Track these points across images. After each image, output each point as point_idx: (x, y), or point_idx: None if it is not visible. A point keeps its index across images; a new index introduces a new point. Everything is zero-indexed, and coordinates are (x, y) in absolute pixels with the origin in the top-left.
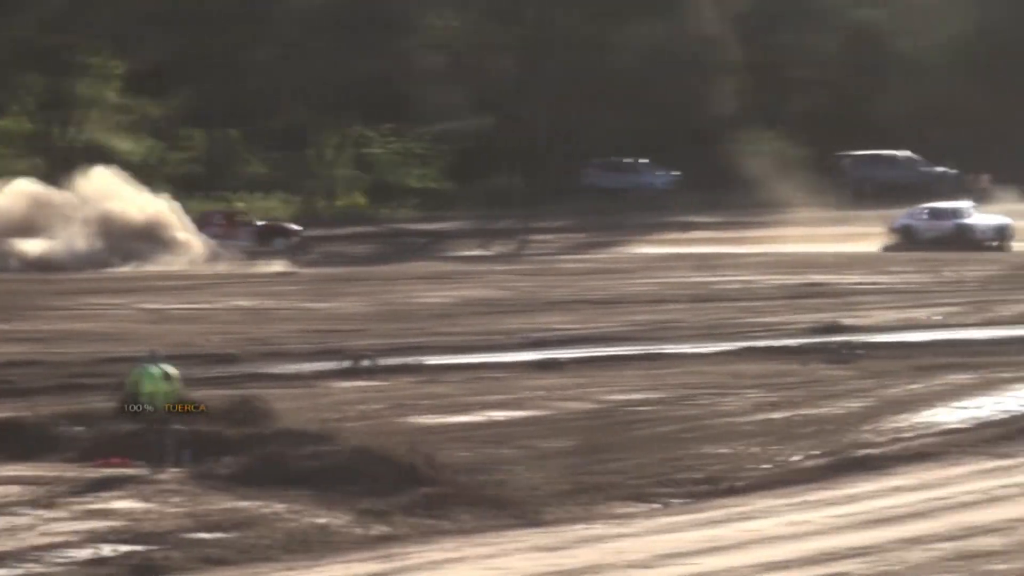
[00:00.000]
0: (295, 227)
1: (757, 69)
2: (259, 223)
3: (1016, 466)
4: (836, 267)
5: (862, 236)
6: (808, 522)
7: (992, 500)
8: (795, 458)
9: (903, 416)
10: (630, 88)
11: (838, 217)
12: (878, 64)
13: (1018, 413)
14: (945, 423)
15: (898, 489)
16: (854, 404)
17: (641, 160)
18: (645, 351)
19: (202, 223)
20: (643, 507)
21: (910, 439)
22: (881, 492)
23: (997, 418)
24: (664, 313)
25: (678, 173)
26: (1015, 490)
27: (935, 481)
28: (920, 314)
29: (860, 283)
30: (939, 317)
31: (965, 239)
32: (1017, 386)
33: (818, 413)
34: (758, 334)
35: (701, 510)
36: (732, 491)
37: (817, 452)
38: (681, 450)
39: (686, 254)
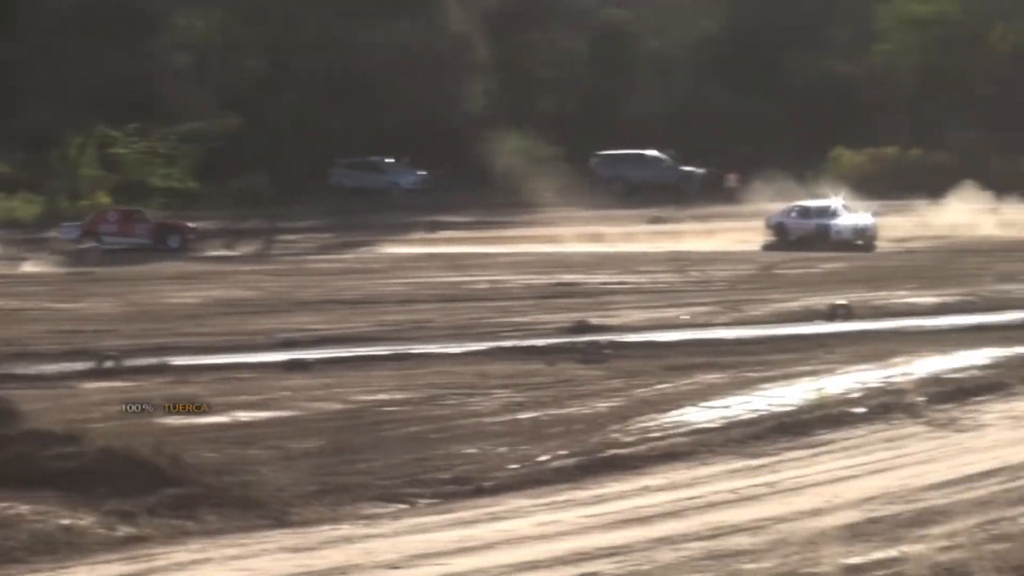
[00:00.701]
0: (191, 225)
1: (506, 68)
2: (155, 221)
3: (765, 466)
4: (585, 267)
5: (612, 236)
6: (558, 522)
7: (741, 500)
8: (544, 458)
9: (652, 416)
10: (379, 87)
11: (589, 217)
12: (627, 64)
13: (767, 413)
14: (695, 423)
15: (647, 489)
16: (603, 404)
17: (388, 160)
18: (394, 351)
19: (97, 220)
20: (392, 507)
21: (659, 439)
22: (630, 492)
23: (746, 417)
24: (413, 313)
25: (426, 173)
26: (764, 489)
27: (684, 481)
28: (670, 314)
29: (609, 283)
30: (688, 317)
31: (825, 238)
32: (766, 385)
33: (567, 413)
34: (507, 334)
35: (450, 510)
36: (481, 491)
37: (566, 452)
38: (430, 450)
39: (436, 254)
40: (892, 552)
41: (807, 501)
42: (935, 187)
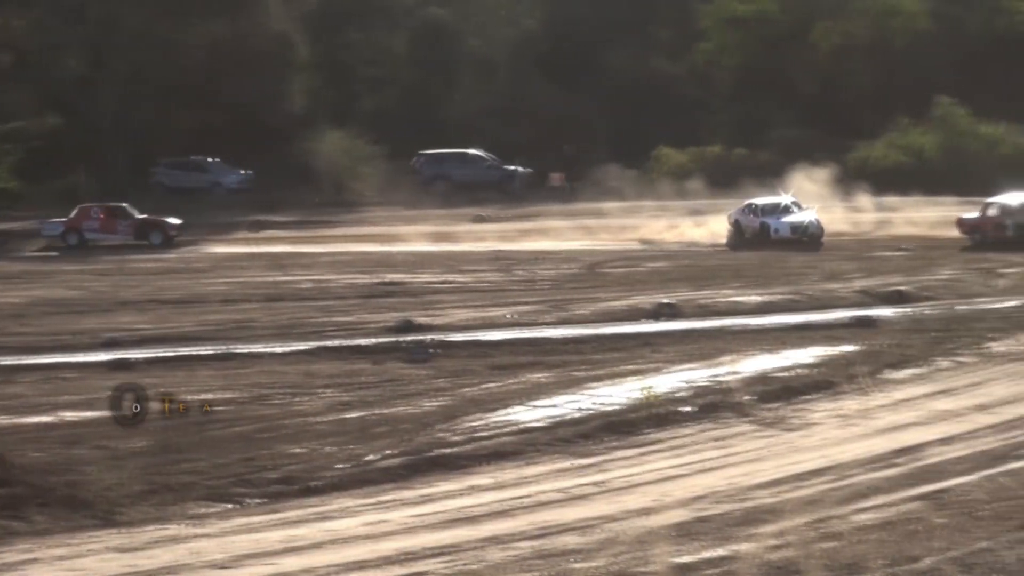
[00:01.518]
0: (174, 221)
1: (328, 67)
2: (138, 217)
3: (593, 465)
4: (409, 266)
5: (436, 235)
6: (386, 522)
7: (570, 499)
8: (371, 458)
9: (479, 415)
10: (200, 86)
11: (412, 216)
12: (448, 62)
13: (594, 412)
14: (522, 422)
15: (475, 488)
16: (430, 403)
17: (212, 159)
18: (219, 351)
19: (81, 217)
20: (220, 507)
21: (487, 438)
22: (458, 492)
23: (574, 417)
24: (238, 313)
25: (250, 172)
26: (593, 489)
27: (512, 480)
28: (495, 313)
29: (433, 282)
30: (514, 316)
31: (767, 236)
32: (593, 384)
33: (394, 412)
34: (332, 334)
35: (278, 510)
36: (309, 491)
37: (393, 452)
38: (257, 450)
39: (259, 253)
40: (722, 551)
41: (636, 500)
42: (759, 186)
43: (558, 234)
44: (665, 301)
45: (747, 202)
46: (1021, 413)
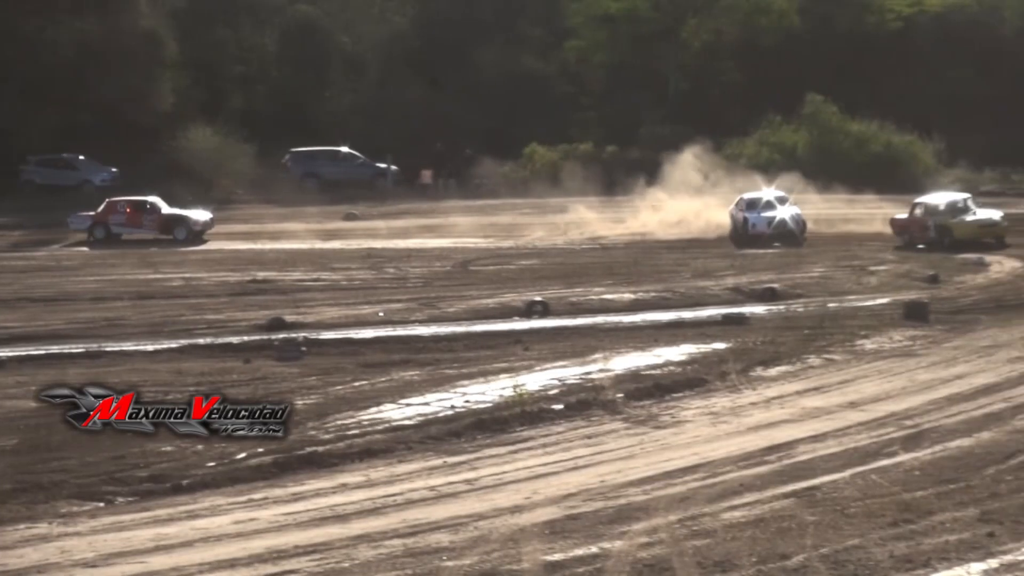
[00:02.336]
0: (200, 218)
1: (197, 65)
2: (165, 212)
3: (464, 463)
4: (280, 264)
5: (308, 232)
6: (255, 520)
7: (441, 497)
8: (241, 456)
9: (350, 413)
10: (68, 84)
11: (283, 214)
12: (318, 60)
13: (465, 410)
14: (393, 420)
15: (345, 486)
16: (300, 401)
17: (80, 157)
18: (89, 349)
19: (108, 211)
20: (89, 506)
21: (357, 436)
22: (329, 490)
23: (445, 415)
24: (108, 311)
25: (116, 170)
26: (463, 487)
27: (383, 478)
28: (366, 311)
29: (304, 280)
30: (385, 314)
31: (745, 232)
32: (464, 382)
33: None
34: (202, 332)
35: (148, 508)
36: (179, 489)
37: (263, 450)
38: (126, 448)
39: (129, 251)
40: (593, 549)
41: (507, 498)
42: (630, 183)
43: (435, 231)
44: (536, 299)
45: (740, 196)
46: (891, 410)
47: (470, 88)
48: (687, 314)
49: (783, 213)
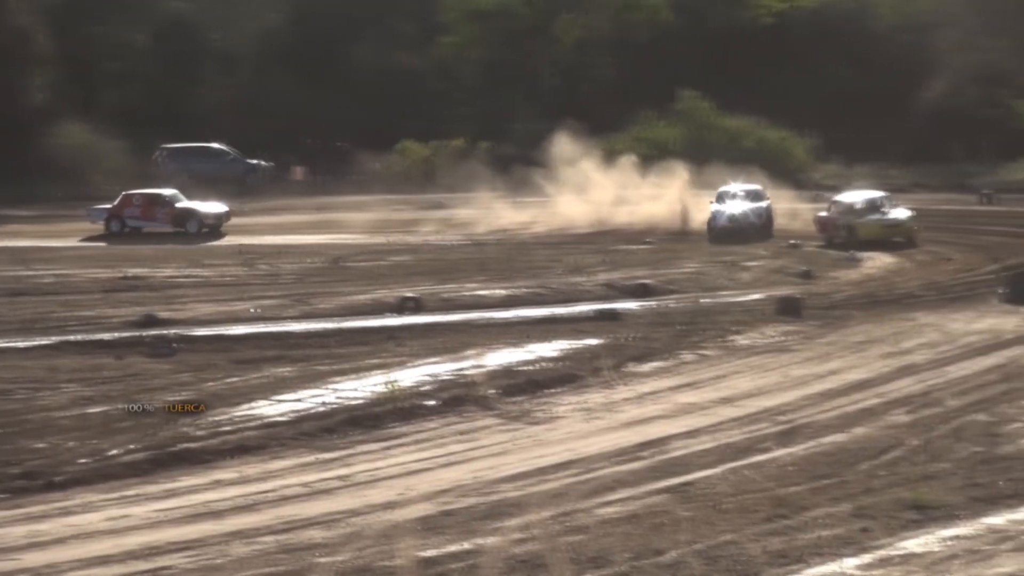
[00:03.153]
0: (212, 211)
1: (69, 61)
2: (177, 205)
3: (338, 459)
4: (152, 260)
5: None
6: (129, 516)
7: (314, 493)
8: (114, 452)
9: (223, 409)
10: None
11: None
12: (191, 56)
13: (338, 406)
14: (266, 416)
15: (219, 483)
16: (172, 398)
17: None
18: None
19: (123, 204)
20: None
21: (230, 432)
22: (202, 486)
23: (317, 411)
24: None
25: None
26: (337, 483)
27: (256, 475)
28: (238, 307)
29: (176, 276)
30: (257, 310)
31: (713, 227)
32: (337, 379)
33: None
34: (74, 328)
35: (20, 505)
36: (51, 486)
37: (136, 446)
38: None
39: (0, 247)
40: (467, 545)
41: (381, 494)
42: (505, 178)
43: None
44: (409, 295)
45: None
46: (765, 406)
47: (344, 84)
48: (560, 310)
49: (741, 207)
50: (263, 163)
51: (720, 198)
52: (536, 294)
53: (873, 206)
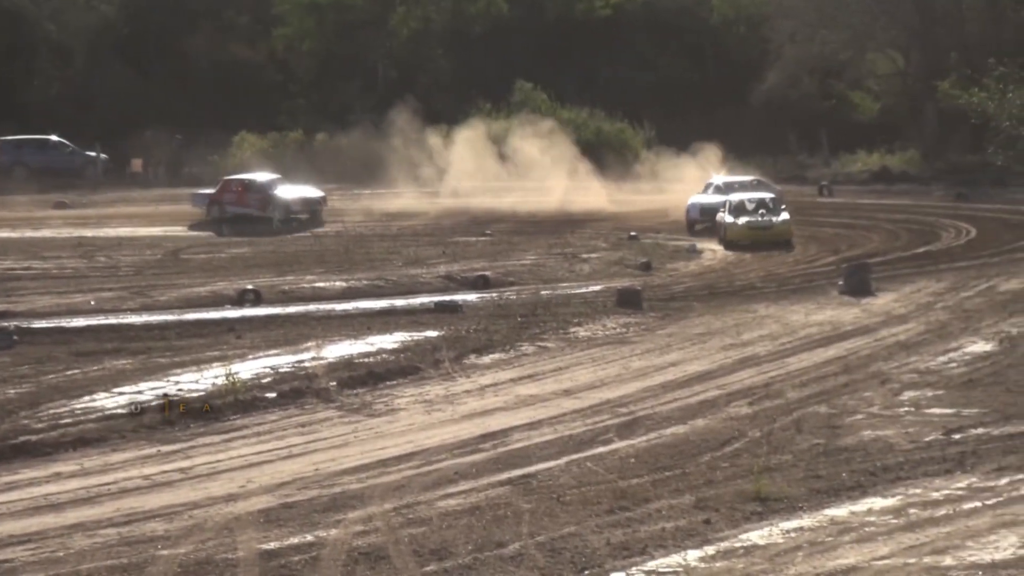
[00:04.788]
0: (299, 197)
1: None
2: (269, 193)
3: (178, 451)
4: None
5: (16, 221)
6: None
7: (155, 485)
8: None
9: (63, 402)
10: None
11: None
12: (25, 48)
13: (177, 398)
14: (106, 408)
15: (59, 475)
16: (12, 390)
17: None
18: None
19: (223, 190)
20: None
21: (70, 425)
22: (42, 479)
23: (157, 403)
24: None
25: None
26: (178, 475)
27: (97, 467)
28: (77, 299)
29: (14, 268)
30: (96, 302)
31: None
32: (177, 371)
33: None
34: None
35: None
36: None
37: None
38: None
39: None
40: (308, 537)
41: (222, 487)
42: (339, 171)
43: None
44: (249, 287)
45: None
46: (606, 397)
47: (180, 76)
48: (400, 302)
49: (709, 199)
50: (100, 155)
51: (704, 189)
52: (375, 286)
53: (743, 208)
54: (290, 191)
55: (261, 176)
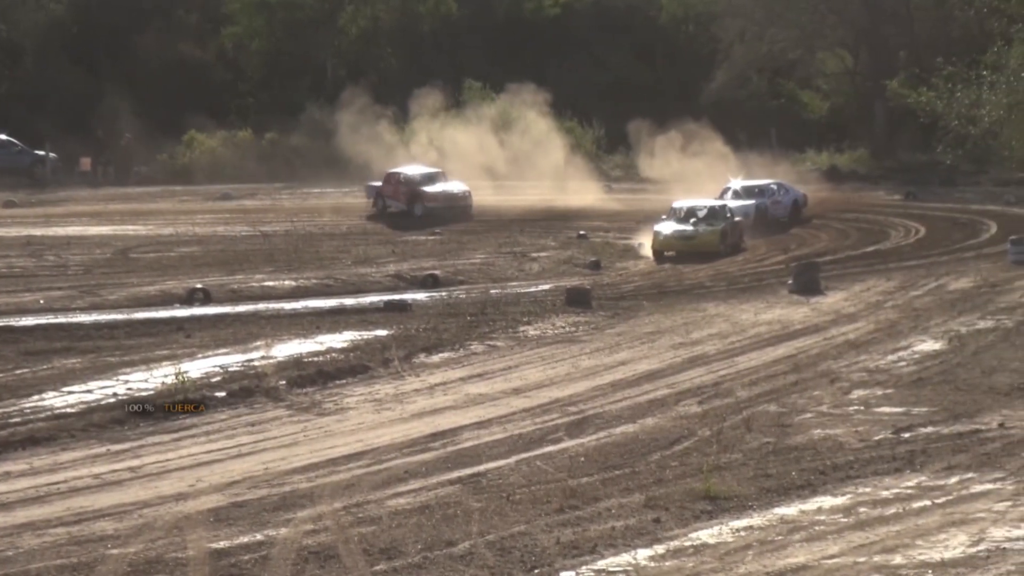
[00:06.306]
0: (438, 190)
1: None
2: (410, 190)
3: (128, 450)
4: None
5: None
6: None
7: (105, 485)
8: None
9: (12, 401)
10: None
11: None
12: None
13: (128, 397)
14: (55, 408)
15: (8, 475)
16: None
17: None
18: None
19: (386, 182)
20: None
21: (19, 424)
22: None
23: (107, 402)
24: None
25: None
26: (127, 474)
27: (46, 466)
28: (26, 298)
29: None
30: (45, 301)
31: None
32: (126, 370)
33: None
34: None
35: None
36: None
37: None
38: None
39: None
40: (258, 536)
41: (171, 486)
42: (292, 169)
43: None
44: (198, 286)
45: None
46: (555, 397)
47: (129, 75)
48: (349, 301)
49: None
50: (49, 154)
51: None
52: (324, 285)
53: (678, 215)
54: (437, 187)
55: (412, 170)
